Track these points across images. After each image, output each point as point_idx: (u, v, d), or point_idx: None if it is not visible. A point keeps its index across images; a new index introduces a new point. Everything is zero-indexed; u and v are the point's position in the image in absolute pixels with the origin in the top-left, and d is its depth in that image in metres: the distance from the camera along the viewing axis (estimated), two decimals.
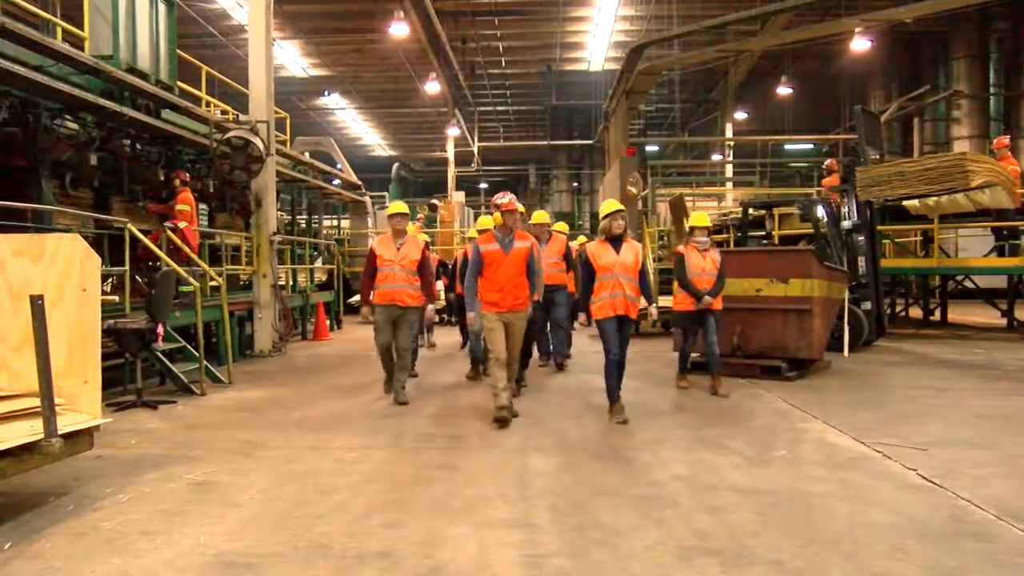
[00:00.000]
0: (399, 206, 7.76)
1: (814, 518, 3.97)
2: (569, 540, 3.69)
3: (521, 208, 7.68)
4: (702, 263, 7.77)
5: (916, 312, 16.09)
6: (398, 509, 4.22)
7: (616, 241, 6.63)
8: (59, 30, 9.44)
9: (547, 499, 4.35)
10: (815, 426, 6.12)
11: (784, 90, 26.18)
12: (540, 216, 9.64)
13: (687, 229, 8.37)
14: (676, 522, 3.95)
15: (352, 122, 37.23)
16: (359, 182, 21.63)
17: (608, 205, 6.81)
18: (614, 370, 6.61)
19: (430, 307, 7.51)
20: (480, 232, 11.34)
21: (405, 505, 4.29)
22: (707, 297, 7.65)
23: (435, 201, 25.76)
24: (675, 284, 8.03)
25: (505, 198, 6.57)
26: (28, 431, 4.01)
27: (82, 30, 9.74)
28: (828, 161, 17.31)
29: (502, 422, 6.31)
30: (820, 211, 11.28)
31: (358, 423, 6.52)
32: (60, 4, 10.02)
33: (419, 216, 24.58)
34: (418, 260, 7.55)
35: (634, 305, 6.54)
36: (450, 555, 3.53)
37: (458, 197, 26.85)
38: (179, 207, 10.53)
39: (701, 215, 8.17)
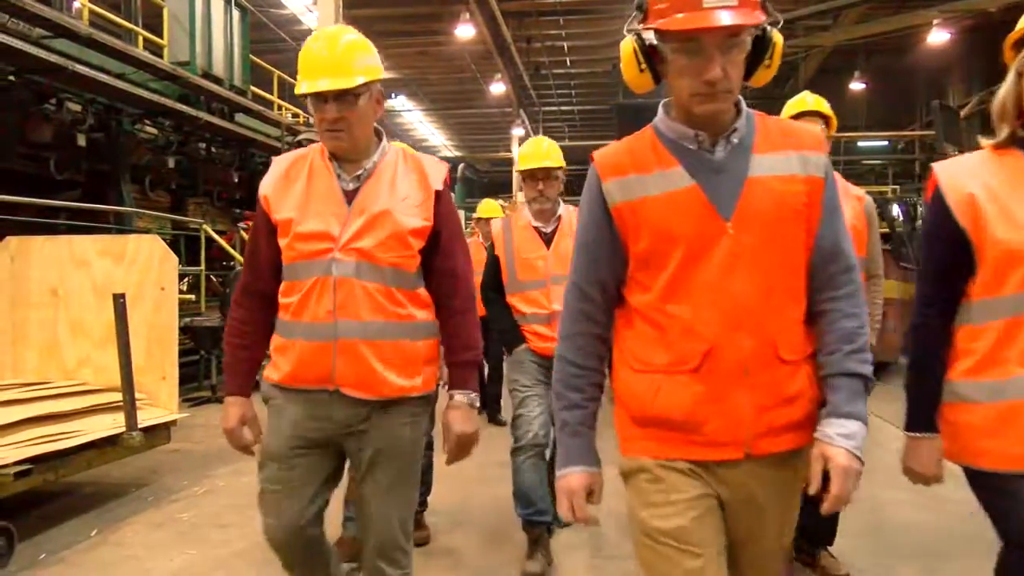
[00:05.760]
0: (332, 52, 2.02)
1: (889, 528, 3.85)
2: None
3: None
4: None
5: None
6: (461, 507, 4.25)
7: None
8: (140, 39, 9.80)
9: (608, 501, 4.32)
10: (890, 432, 5.91)
11: (857, 85, 25.43)
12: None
13: None
14: None
15: (419, 123, 37.66)
16: None
17: None
18: None
19: (462, 401, 2.20)
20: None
21: (468, 504, 4.31)
22: None
23: (500, 201, 25.89)
24: None
25: None
26: (111, 424, 4.18)
27: (161, 38, 10.10)
28: None
29: None
30: (895, 210, 10.94)
31: None
32: (142, 13, 10.38)
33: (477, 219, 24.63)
34: (424, 231, 2.13)
35: None
36: (514, 554, 3.53)
37: (522, 197, 26.92)
38: None
39: None
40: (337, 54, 2.01)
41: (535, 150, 3.57)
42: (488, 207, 7.57)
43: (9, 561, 3.47)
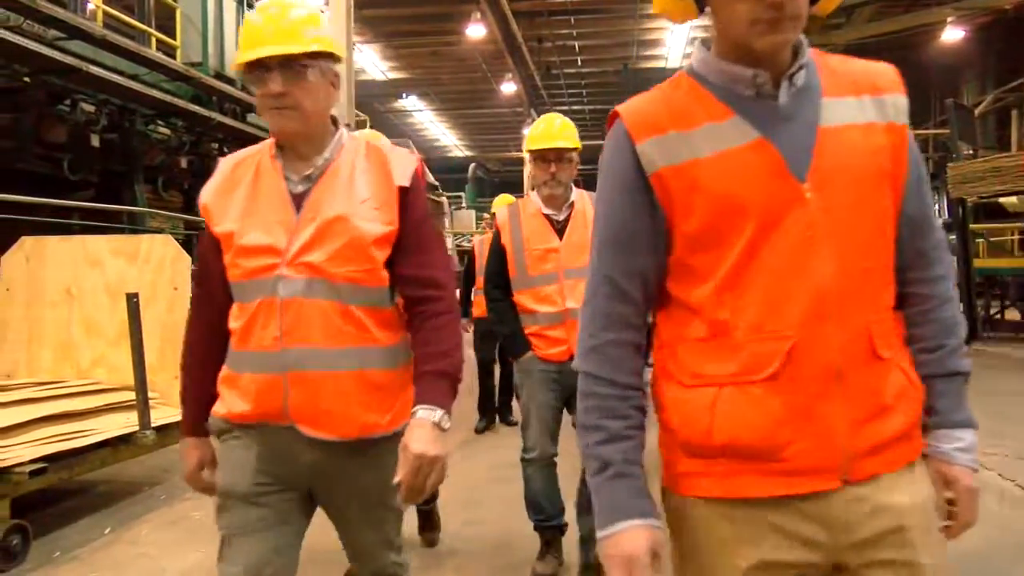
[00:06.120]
0: (279, 22, 1.71)
1: None
2: None
3: None
4: None
5: (1014, 315, 15.32)
6: (472, 507, 4.25)
7: None
8: (153, 40, 9.86)
9: None
10: None
11: None
12: None
13: None
14: None
15: (430, 123, 37.74)
16: (436, 183, 21.89)
17: None
18: None
19: (426, 419, 1.67)
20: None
21: (479, 504, 4.32)
22: None
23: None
24: None
25: None
26: (124, 423, 4.21)
27: (174, 39, 10.16)
28: None
29: None
30: None
31: None
32: (155, 14, 10.47)
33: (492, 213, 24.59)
34: (388, 237, 1.76)
35: None
36: (527, 554, 3.53)
37: (534, 196, 26.90)
38: None
39: None
40: (285, 24, 1.70)
41: (547, 128, 3.24)
42: (504, 202, 6.93)
43: (25, 559, 3.50)
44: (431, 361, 1.75)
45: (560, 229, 3.20)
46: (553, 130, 3.21)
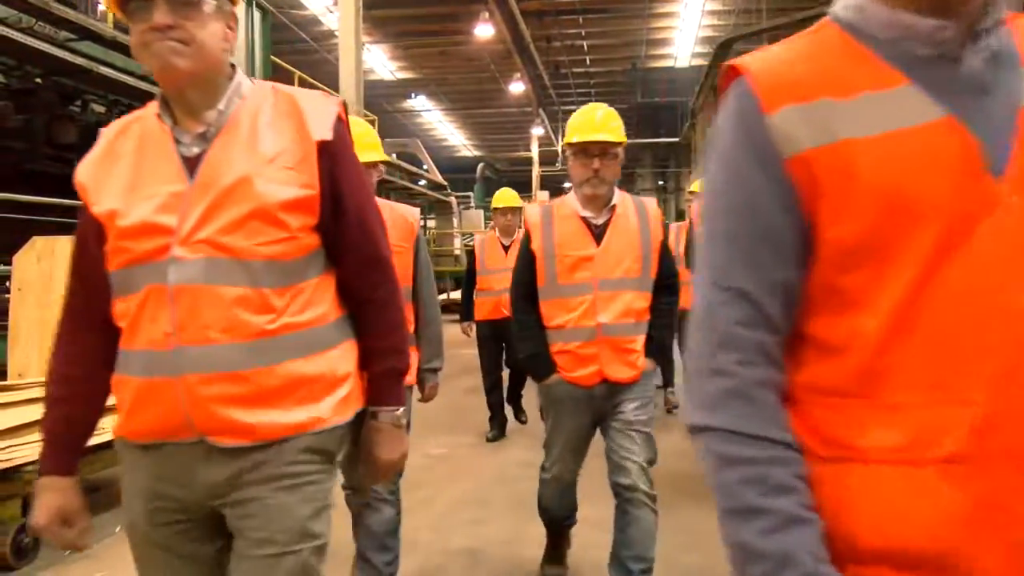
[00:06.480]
0: None
1: None
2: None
3: None
4: None
5: None
6: (482, 506, 4.26)
7: None
8: None
9: None
10: None
11: None
12: None
13: None
14: None
15: (438, 123, 37.83)
16: (444, 182, 21.96)
17: None
18: None
19: (387, 421, 1.59)
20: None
21: (488, 502, 4.32)
22: None
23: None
24: None
25: None
26: None
27: None
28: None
29: None
30: None
31: (445, 420, 6.36)
32: None
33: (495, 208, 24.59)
34: (306, 203, 1.44)
35: None
36: (534, 552, 3.53)
37: (542, 196, 26.95)
38: None
39: None
40: None
41: (588, 120, 2.84)
42: (504, 195, 6.51)
43: (36, 556, 3.54)
44: (384, 358, 1.57)
45: (598, 234, 2.85)
46: (595, 121, 2.83)
